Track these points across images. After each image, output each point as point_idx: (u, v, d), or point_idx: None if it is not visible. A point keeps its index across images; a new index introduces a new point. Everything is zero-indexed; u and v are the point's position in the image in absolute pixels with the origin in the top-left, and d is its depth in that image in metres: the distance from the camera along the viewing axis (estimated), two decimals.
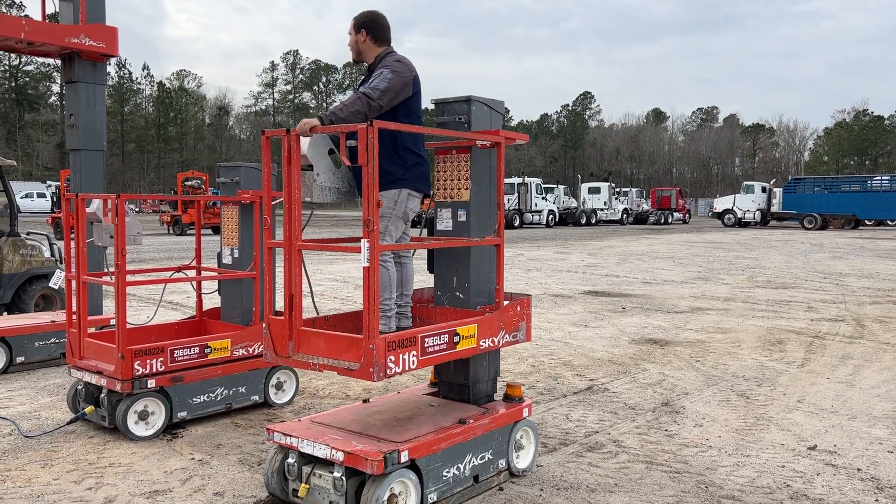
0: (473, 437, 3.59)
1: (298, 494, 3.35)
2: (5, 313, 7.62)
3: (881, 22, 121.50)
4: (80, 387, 4.77)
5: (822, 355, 7.14)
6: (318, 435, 3.37)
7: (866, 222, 40.84)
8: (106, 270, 5.51)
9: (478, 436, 3.62)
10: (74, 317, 4.78)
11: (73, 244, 4.74)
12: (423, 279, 4.74)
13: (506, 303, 3.84)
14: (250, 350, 5.00)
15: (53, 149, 73.89)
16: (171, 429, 4.64)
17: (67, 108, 6.69)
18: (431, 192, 3.96)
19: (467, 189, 3.80)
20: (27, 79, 75.91)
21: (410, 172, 3.77)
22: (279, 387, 5.23)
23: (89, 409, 4.58)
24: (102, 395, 4.54)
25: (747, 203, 41.52)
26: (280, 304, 3.46)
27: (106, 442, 4.42)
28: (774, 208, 41.37)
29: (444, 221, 3.90)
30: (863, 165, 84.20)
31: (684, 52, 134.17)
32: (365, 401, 4.04)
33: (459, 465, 3.53)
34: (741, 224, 41.45)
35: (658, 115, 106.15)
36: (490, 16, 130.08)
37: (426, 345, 3.30)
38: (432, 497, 3.38)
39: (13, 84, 74.24)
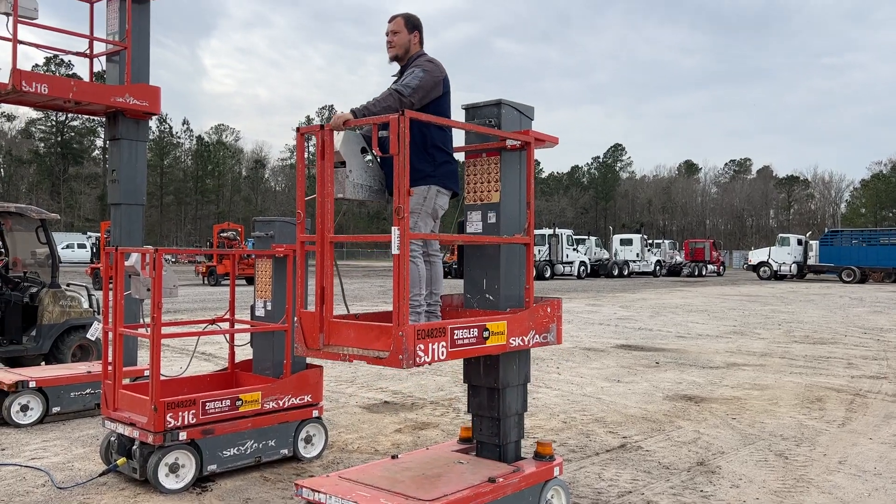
0: (503, 496, 3.54)
1: None
2: (43, 363, 7.77)
3: None
4: (112, 438, 4.82)
5: (864, 414, 6.94)
6: (346, 492, 3.35)
7: None
8: (142, 322, 5.60)
9: (507, 495, 3.57)
10: (110, 368, 4.85)
11: (111, 296, 4.85)
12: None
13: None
14: (281, 403, 5.02)
15: (95, 201, 76.01)
16: (201, 482, 4.64)
17: (110, 163, 6.91)
18: (460, 192, 4.04)
19: (497, 191, 3.86)
20: (73, 133, 78.64)
21: (439, 170, 3.86)
22: (308, 440, 5.22)
23: (121, 460, 4.61)
24: (134, 446, 4.58)
25: (783, 255, 40.91)
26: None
27: (137, 494, 4.43)
28: (811, 261, 40.70)
29: (475, 224, 3.97)
30: None
31: (714, 105, 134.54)
32: (394, 457, 4.01)
33: None
34: (777, 277, 40.78)
35: (690, 167, 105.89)
36: (519, 69, 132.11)
37: (456, 337, 3.30)
38: None
39: (59, 139, 76.96)
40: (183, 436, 4.51)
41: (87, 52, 6.89)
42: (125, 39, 6.67)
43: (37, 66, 68.38)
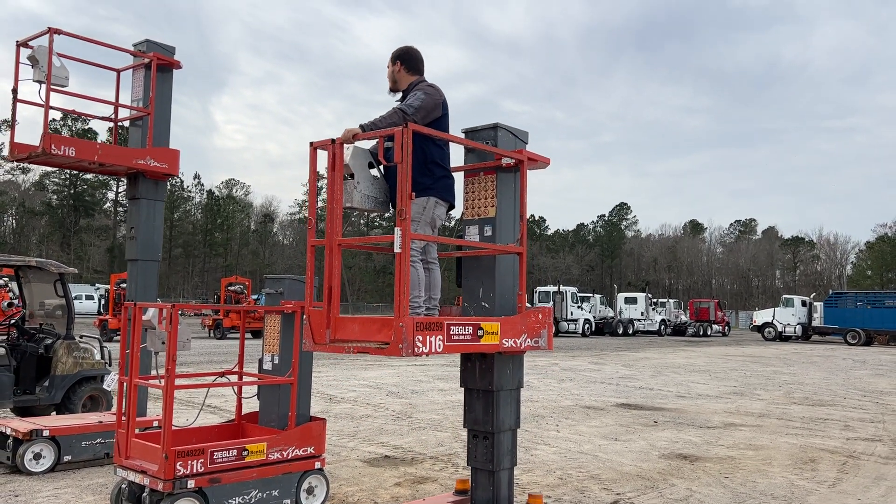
0: None
1: None
2: (54, 413, 7.99)
3: None
4: (123, 486, 5.02)
5: (855, 475, 7.06)
6: None
7: None
8: (154, 374, 5.86)
9: None
10: (124, 417, 5.09)
11: (128, 348, 5.11)
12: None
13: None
14: (285, 454, 5.22)
15: (104, 253, 76.77)
16: None
17: (129, 221, 7.26)
18: (456, 204, 4.39)
19: (493, 206, 4.22)
20: (85, 186, 79.89)
21: (438, 183, 4.22)
22: (310, 491, 5.40)
23: None
24: (144, 493, 4.78)
25: (787, 317, 40.96)
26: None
27: None
28: (816, 322, 40.74)
29: (472, 237, 4.29)
30: None
31: (719, 165, 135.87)
32: None
33: None
34: (781, 338, 40.73)
35: (695, 227, 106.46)
36: (525, 128, 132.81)
37: (452, 332, 3.58)
38: None
39: (72, 191, 78.18)
40: (191, 484, 4.72)
41: (113, 116, 7.32)
42: (149, 105, 7.09)
43: (53, 120, 69.99)
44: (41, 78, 6.57)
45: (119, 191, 77.62)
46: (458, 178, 4.56)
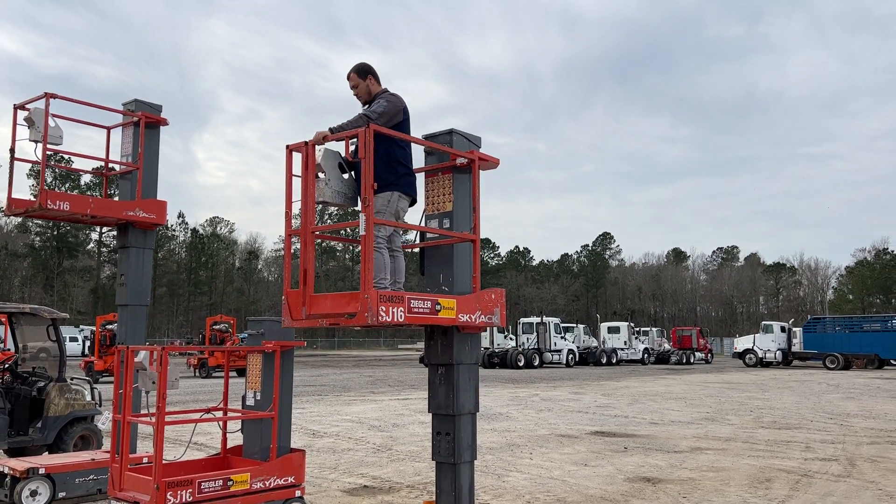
0: None
1: None
2: (46, 453, 8.33)
3: (893, 161, 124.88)
4: None
5: (805, 492, 7.55)
6: None
7: (892, 362, 40.48)
8: (145, 412, 6.27)
9: None
10: (117, 453, 5.50)
11: (121, 388, 5.54)
12: None
13: None
14: (267, 483, 5.64)
15: (87, 294, 76.55)
16: None
17: (119, 268, 7.70)
18: (417, 199, 4.97)
19: (450, 201, 4.80)
20: (68, 227, 79.94)
21: (401, 179, 4.78)
22: None
23: None
24: None
25: (767, 343, 41.63)
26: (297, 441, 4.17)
27: None
28: (795, 348, 41.42)
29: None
30: (889, 304, 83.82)
31: (700, 193, 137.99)
32: None
33: None
34: (763, 364, 41.35)
35: (678, 255, 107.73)
36: (507, 159, 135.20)
37: (412, 305, 4.11)
38: None
39: (55, 233, 78.17)
40: None
41: (103, 170, 7.82)
42: (137, 160, 7.59)
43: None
44: (37, 138, 7.07)
45: (102, 231, 77.73)
46: (420, 179, 5.19)
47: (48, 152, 7.09)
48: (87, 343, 32.71)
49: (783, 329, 42.43)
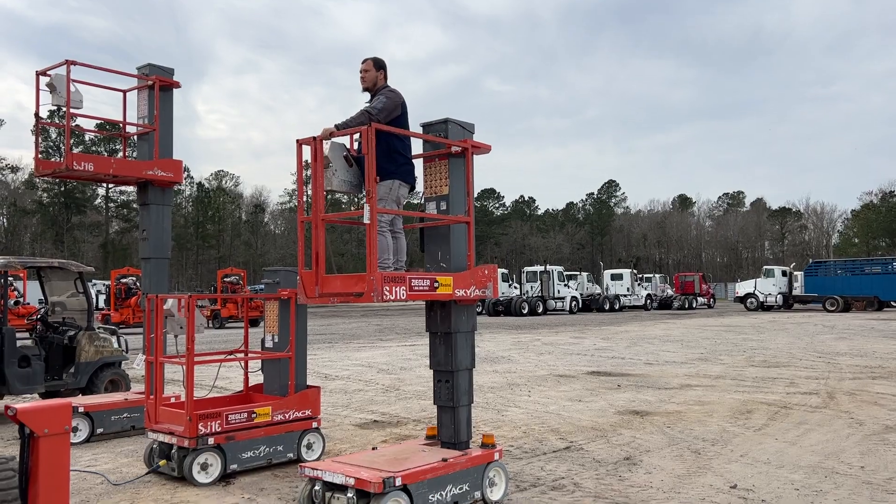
0: (453, 471, 4.80)
1: None
2: (80, 395, 9.01)
3: None
4: (154, 445, 6.07)
5: (782, 422, 8.17)
6: (336, 468, 4.62)
7: (892, 304, 41.11)
8: (170, 355, 6.88)
9: (456, 471, 4.83)
10: (152, 391, 6.12)
11: (152, 333, 6.13)
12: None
13: None
14: (287, 416, 6.28)
15: (97, 249, 77.42)
16: (225, 478, 5.88)
17: (141, 224, 8.24)
18: (416, 186, 5.50)
19: (447, 185, 5.30)
20: (74, 183, 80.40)
21: (400, 169, 5.32)
22: (309, 447, 6.47)
23: (162, 462, 5.86)
24: (173, 450, 5.83)
25: (768, 287, 42.25)
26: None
27: (176, 487, 5.68)
28: (797, 291, 42.05)
29: (431, 211, 5.36)
30: (894, 247, 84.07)
31: (705, 138, 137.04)
32: (373, 448, 5.28)
33: (442, 492, 4.73)
34: (764, 308, 42.04)
35: (684, 201, 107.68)
36: (509, 108, 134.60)
37: (413, 284, 4.65)
38: None
39: (62, 189, 78.69)
40: (211, 441, 5.77)
41: (122, 132, 8.30)
42: (153, 122, 8.06)
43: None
44: (60, 103, 7.54)
45: (109, 187, 78.18)
46: (419, 165, 5.68)
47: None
48: (102, 297, 33.51)
49: (784, 273, 43.00)
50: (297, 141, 4.99)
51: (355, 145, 5.28)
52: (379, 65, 5.58)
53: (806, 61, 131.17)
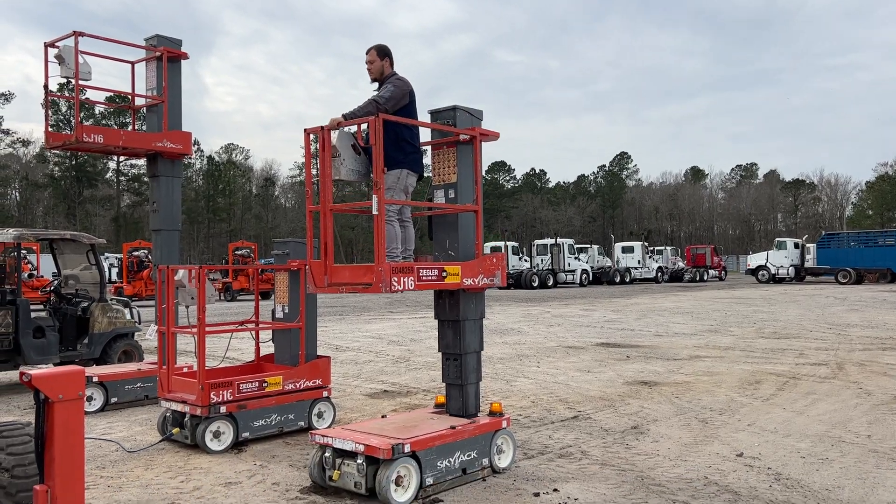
0: (461, 439, 4.86)
1: (333, 479, 4.64)
2: (94, 365, 9.14)
3: None
4: (167, 414, 6.17)
5: (790, 392, 8.19)
6: (346, 435, 4.68)
7: None
8: (182, 325, 6.95)
9: (465, 438, 4.88)
10: (164, 361, 6.20)
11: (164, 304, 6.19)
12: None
13: None
14: (297, 385, 6.35)
15: (109, 222, 77.84)
16: (237, 446, 5.98)
17: (151, 196, 8.28)
18: (425, 174, 5.45)
19: (455, 173, 5.26)
20: (85, 157, 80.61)
21: (408, 158, 5.25)
22: (320, 415, 6.55)
23: (176, 430, 5.95)
24: (186, 419, 5.92)
25: (780, 259, 42.06)
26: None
27: (189, 454, 5.77)
28: (809, 264, 41.80)
29: (439, 199, 5.35)
30: None
31: (719, 109, 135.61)
32: (383, 416, 5.34)
33: (450, 459, 4.79)
34: (775, 280, 41.87)
35: (696, 173, 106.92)
36: (520, 79, 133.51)
37: (421, 274, 4.64)
38: (429, 480, 4.64)
39: (73, 162, 78.95)
40: (223, 409, 5.85)
41: (131, 104, 8.31)
42: (162, 94, 8.05)
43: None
44: (69, 74, 7.54)
45: (120, 161, 78.35)
46: (427, 152, 5.61)
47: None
48: (115, 270, 33.79)
49: (796, 245, 42.75)
50: (305, 130, 4.94)
51: (363, 133, 5.20)
52: (383, 53, 5.44)
53: (822, 29, 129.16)
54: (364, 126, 4.93)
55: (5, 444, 3.33)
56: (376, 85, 5.51)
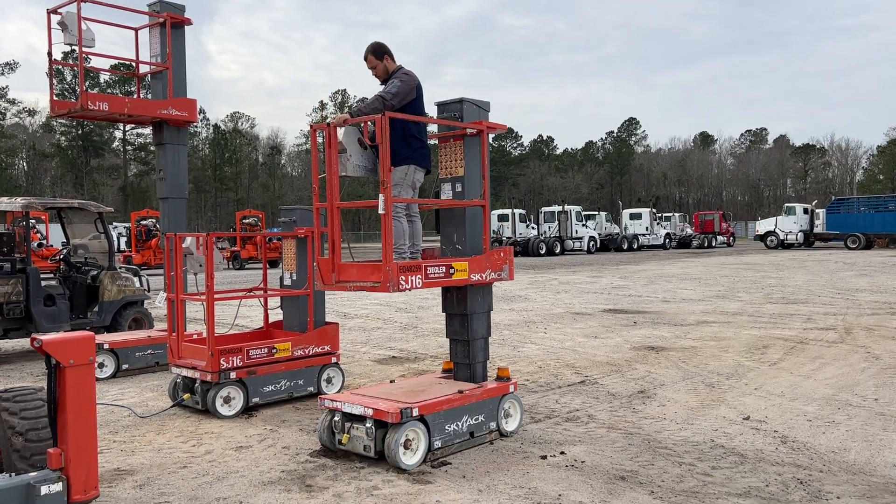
0: (469, 403, 4.89)
1: (342, 443, 4.69)
2: (105, 333, 9.22)
3: None
4: (178, 380, 6.23)
5: (798, 357, 8.20)
6: (355, 400, 4.72)
7: None
8: (191, 292, 6.99)
9: (472, 402, 4.92)
10: (174, 328, 6.24)
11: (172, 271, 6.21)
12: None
13: None
14: (306, 351, 6.40)
15: (116, 192, 77.95)
16: (248, 411, 6.04)
17: (157, 164, 8.27)
18: (432, 169, 5.41)
19: (462, 167, 5.22)
20: (92, 126, 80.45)
21: (416, 153, 5.20)
22: (329, 381, 6.61)
23: (186, 395, 6.02)
24: (196, 384, 5.98)
25: (789, 224, 41.86)
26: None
27: (200, 419, 5.85)
28: (818, 229, 41.60)
29: (446, 192, 5.32)
30: None
31: (728, 74, 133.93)
32: (391, 381, 5.38)
33: (458, 422, 4.83)
34: (784, 246, 41.72)
35: (705, 139, 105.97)
36: (527, 43, 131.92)
37: (429, 272, 4.64)
38: (437, 444, 4.69)
39: (80, 132, 78.82)
40: (233, 375, 5.91)
41: (135, 72, 8.26)
42: (166, 60, 7.99)
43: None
44: (72, 41, 7.48)
45: (126, 130, 78.18)
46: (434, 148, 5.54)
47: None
48: (123, 239, 33.92)
49: (805, 210, 42.51)
50: (311, 126, 4.89)
51: (370, 131, 5.06)
52: (380, 52, 5.31)
53: None
54: (371, 123, 4.87)
55: (19, 408, 3.37)
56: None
